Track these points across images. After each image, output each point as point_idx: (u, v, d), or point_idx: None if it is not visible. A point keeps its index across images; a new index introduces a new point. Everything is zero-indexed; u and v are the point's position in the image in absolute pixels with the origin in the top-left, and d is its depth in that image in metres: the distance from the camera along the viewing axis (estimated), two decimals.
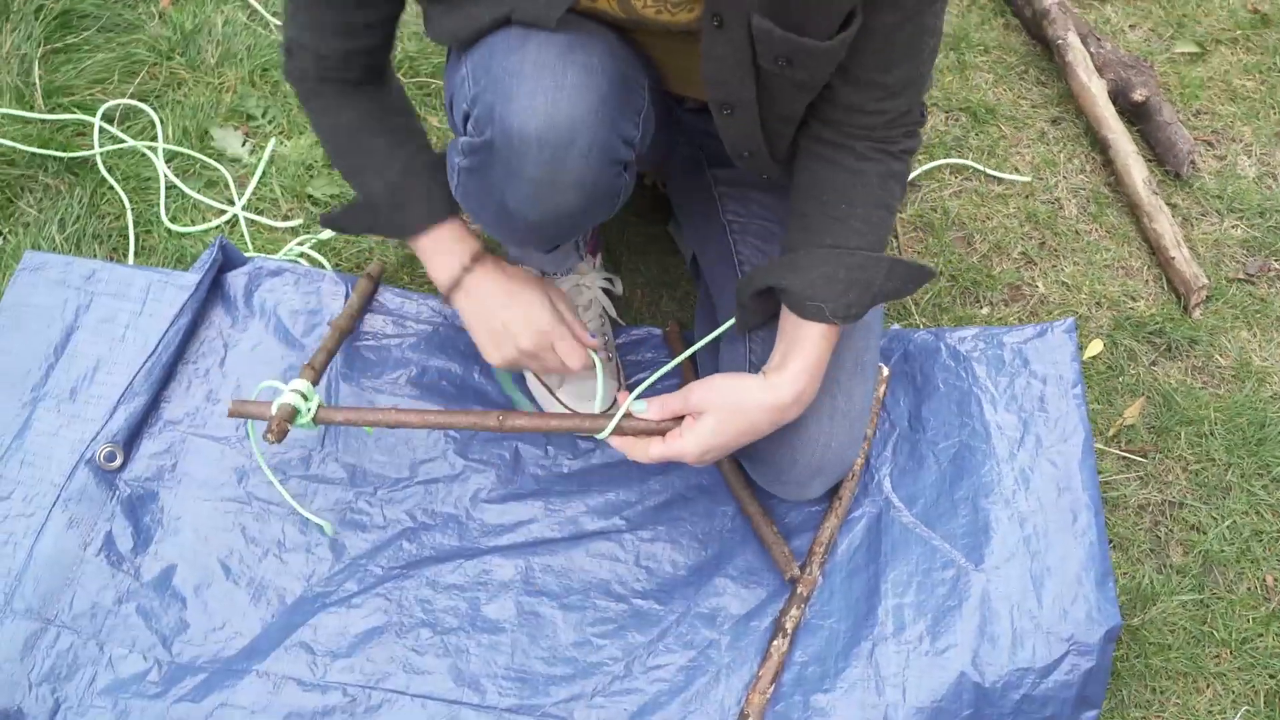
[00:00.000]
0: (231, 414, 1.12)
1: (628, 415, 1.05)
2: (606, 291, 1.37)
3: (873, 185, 1.02)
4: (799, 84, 0.95)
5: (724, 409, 1.01)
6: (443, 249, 1.09)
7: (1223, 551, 1.30)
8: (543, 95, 0.87)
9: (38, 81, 1.60)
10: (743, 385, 1.03)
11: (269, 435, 1.09)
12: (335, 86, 1.07)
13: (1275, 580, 1.29)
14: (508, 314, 1.07)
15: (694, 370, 1.32)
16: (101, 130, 1.56)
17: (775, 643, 1.15)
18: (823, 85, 0.96)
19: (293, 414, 1.10)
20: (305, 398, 1.11)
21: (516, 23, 0.90)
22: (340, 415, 1.11)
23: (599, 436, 1.05)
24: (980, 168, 1.61)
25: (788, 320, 1.04)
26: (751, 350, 1.15)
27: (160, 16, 1.70)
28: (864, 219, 1.02)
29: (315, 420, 1.11)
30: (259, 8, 1.71)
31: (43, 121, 1.56)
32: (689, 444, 1.02)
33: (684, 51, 1.04)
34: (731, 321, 1.12)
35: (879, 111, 0.99)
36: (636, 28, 1.01)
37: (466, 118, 0.93)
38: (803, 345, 1.02)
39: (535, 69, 0.88)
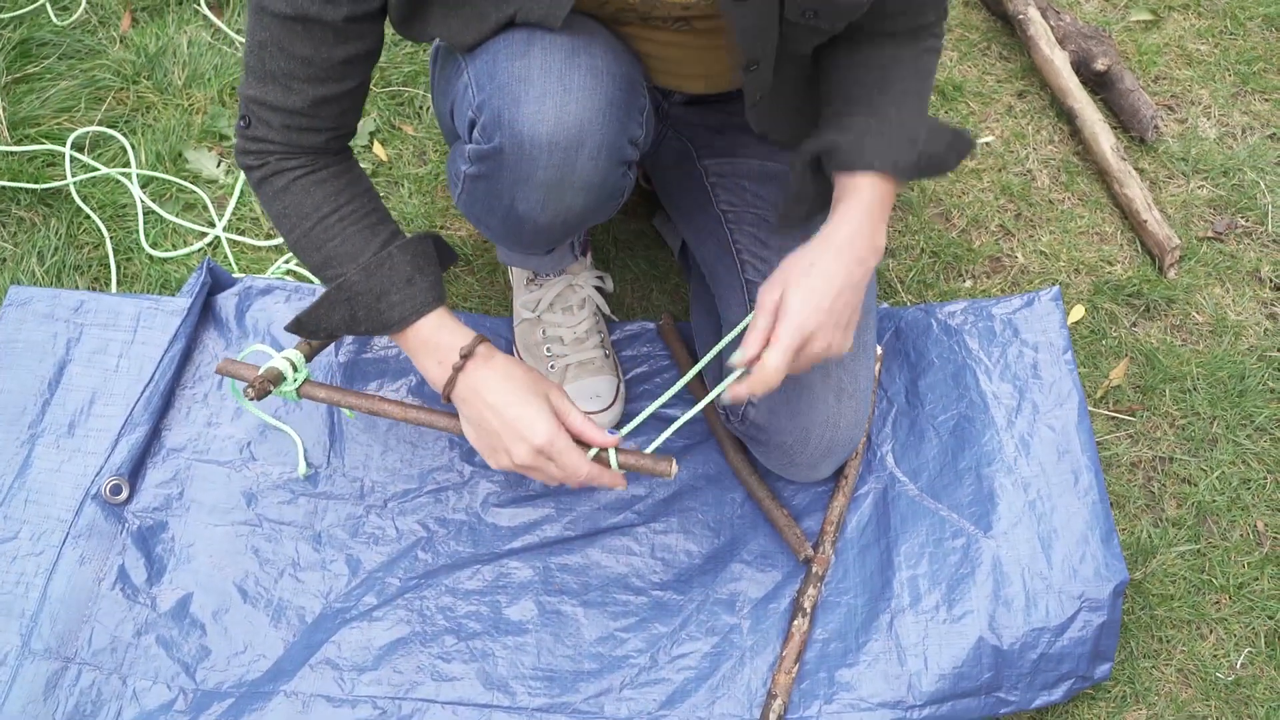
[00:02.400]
0: (219, 371, 1.12)
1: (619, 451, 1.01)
2: (599, 289, 1.38)
3: (906, 62, 1.02)
4: (819, 31, 0.96)
5: (799, 275, 0.94)
6: (430, 348, 1.00)
7: (1214, 501, 1.35)
8: (551, 99, 0.88)
9: (1, 114, 1.57)
10: (804, 250, 0.97)
11: (249, 391, 1.07)
12: (298, 167, 0.98)
13: (1266, 525, 1.33)
14: (501, 424, 0.97)
15: (703, 385, 1.32)
16: (73, 159, 1.54)
17: (796, 622, 1.17)
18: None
19: (278, 378, 1.09)
20: (295, 368, 1.10)
21: (521, 24, 0.90)
22: (323, 392, 1.11)
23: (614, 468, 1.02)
24: None
25: (840, 184, 1.00)
26: (736, 243, 1.16)
27: (122, 40, 1.68)
28: (903, 90, 1.01)
29: (299, 392, 1.10)
30: (222, 26, 1.70)
31: (11, 154, 1.54)
32: (785, 332, 0.92)
33: (675, 44, 1.05)
34: (742, 326, 1.05)
35: (907, 19, 1.01)
36: (639, 20, 1.02)
37: (472, 125, 0.93)
38: (855, 193, 0.97)
39: (542, 73, 0.88)
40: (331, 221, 0.98)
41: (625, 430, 1.04)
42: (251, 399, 1.08)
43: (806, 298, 0.94)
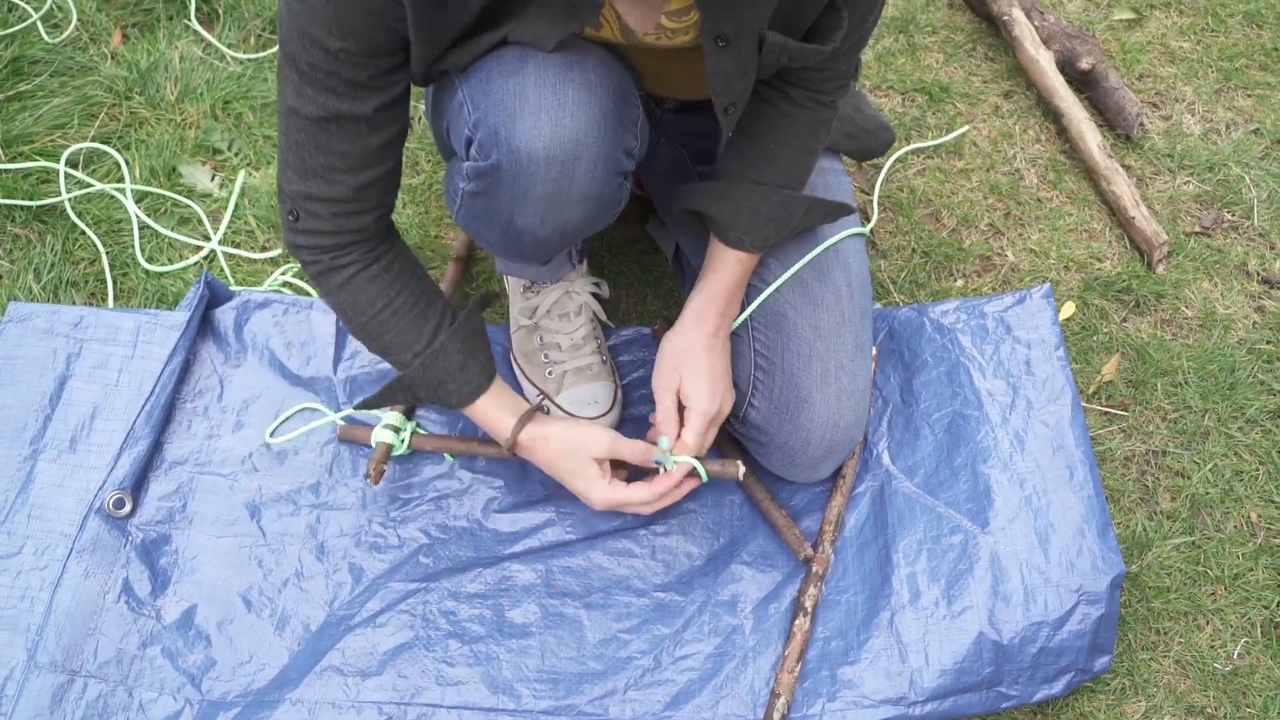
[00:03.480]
0: (341, 438, 1.29)
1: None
2: (595, 295, 1.39)
3: (801, 130, 1.12)
4: (786, 67, 1.03)
5: (698, 375, 1.14)
6: (489, 424, 1.13)
7: (1208, 494, 1.36)
8: (547, 114, 0.89)
9: None
10: (677, 337, 1.16)
11: (368, 478, 1.23)
12: (351, 263, 1.04)
13: (1260, 516, 1.35)
14: (566, 482, 1.15)
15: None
16: (67, 176, 1.55)
17: (797, 622, 1.18)
18: None
19: (388, 452, 1.24)
20: (398, 429, 1.25)
21: (513, 44, 0.92)
22: (429, 443, 1.26)
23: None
24: (928, 144, 1.65)
25: (713, 243, 1.17)
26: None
27: (113, 57, 1.69)
28: (790, 160, 1.13)
29: (410, 447, 1.26)
30: (213, 40, 1.71)
31: (5, 171, 1.54)
32: (695, 420, 1.14)
33: (668, 58, 1.07)
34: (749, 311, 1.20)
35: (821, 71, 1.07)
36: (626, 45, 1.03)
37: (469, 142, 0.94)
38: (721, 269, 1.16)
39: (537, 89, 0.89)
40: (385, 316, 1.06)
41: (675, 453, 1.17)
42: (376, 484, 1.24)
43: (702, 389, 1.14)
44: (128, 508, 1.22)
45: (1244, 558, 1.32)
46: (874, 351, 1.35)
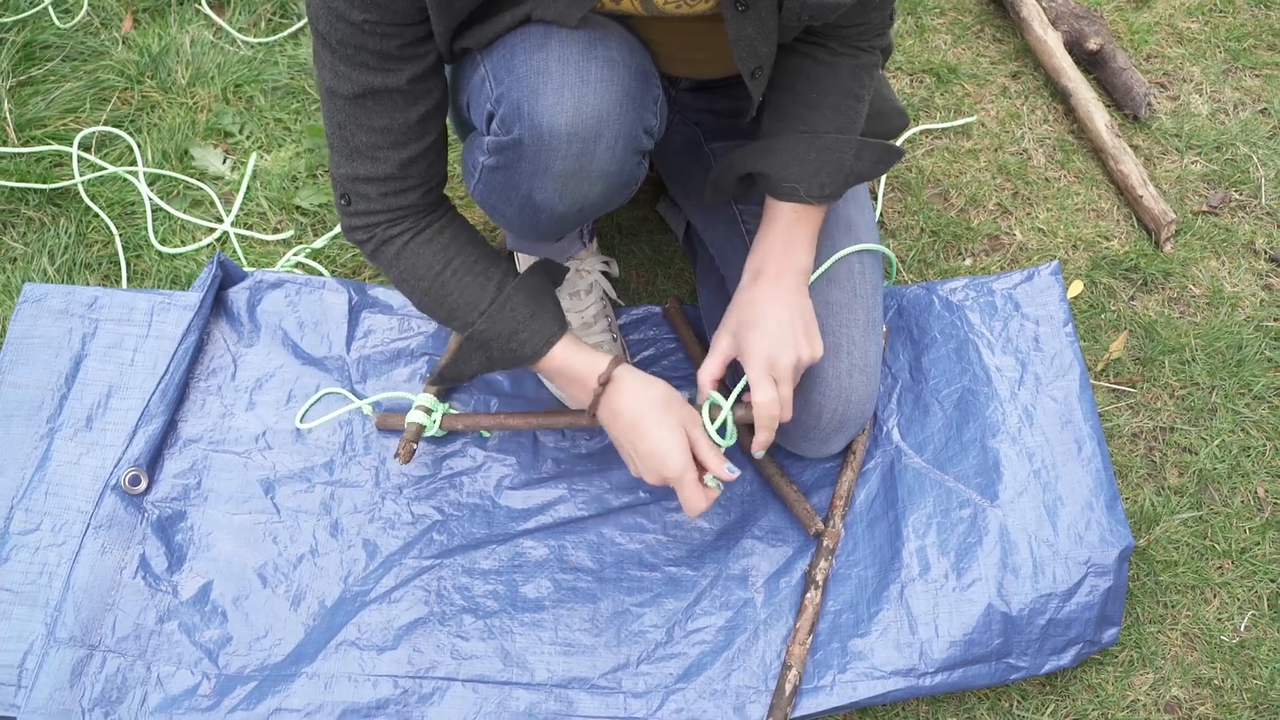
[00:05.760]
0: (379, 427, 1.29)
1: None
2: (605, 274, 1.40)
3: (843, 76, 1.10)
4: (809, 27, 1.03)
5: (745, 327, 1.07)
6: (567, 375, 1.08)
7: (1215, 469, 1.37)
8: (570, 91, 0.90)
9: (9, 115, 1.59)
10: (746, 292, 1.10)
11: (398, 457, 1.23)
12: (404, 231, 1.05)
13: (1266, 491, 1.36)
14: (637, 453, 1.07)
15: (701, 349, 1.35)
16: (80, 159, 1.56)
17: (808, 595, 1.19)
18: None
19: (419, 432, 1.25)
20: (430, 411, 1.26)
21: (536, 21, 0.92)
22: (460, 422, 1.26)
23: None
24: (937, 126, 1.66)
25: (768, 204, 1.12)
26: (745, 224, 1.23)
27: (124, 41, 1.70)
28: (834, 106, 1.10)
29: (441, 427, 1.26)
30: (224, 24, 1.71)
31: (18, 155, 1.55)
32: (751, 370, 1.05)
33: (684, 31, 1.07)
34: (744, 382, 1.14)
35: (855, 25, 1.07)
36: (646, 17, 1.04)
37: (490, 117, 0.95)
38: (771, 222, 1.11)
39: (560, 65, 0.90)
40: (446, 277, 1.05)
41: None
42: (406, 463, 1.23)
43: (757, 335, 1.06)
44: (143, 484, 1.23)
45: (1251, 532, 1.33)
46: (884, 329, 1.36)
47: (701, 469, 1.07)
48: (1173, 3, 1.83)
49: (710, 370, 1.10)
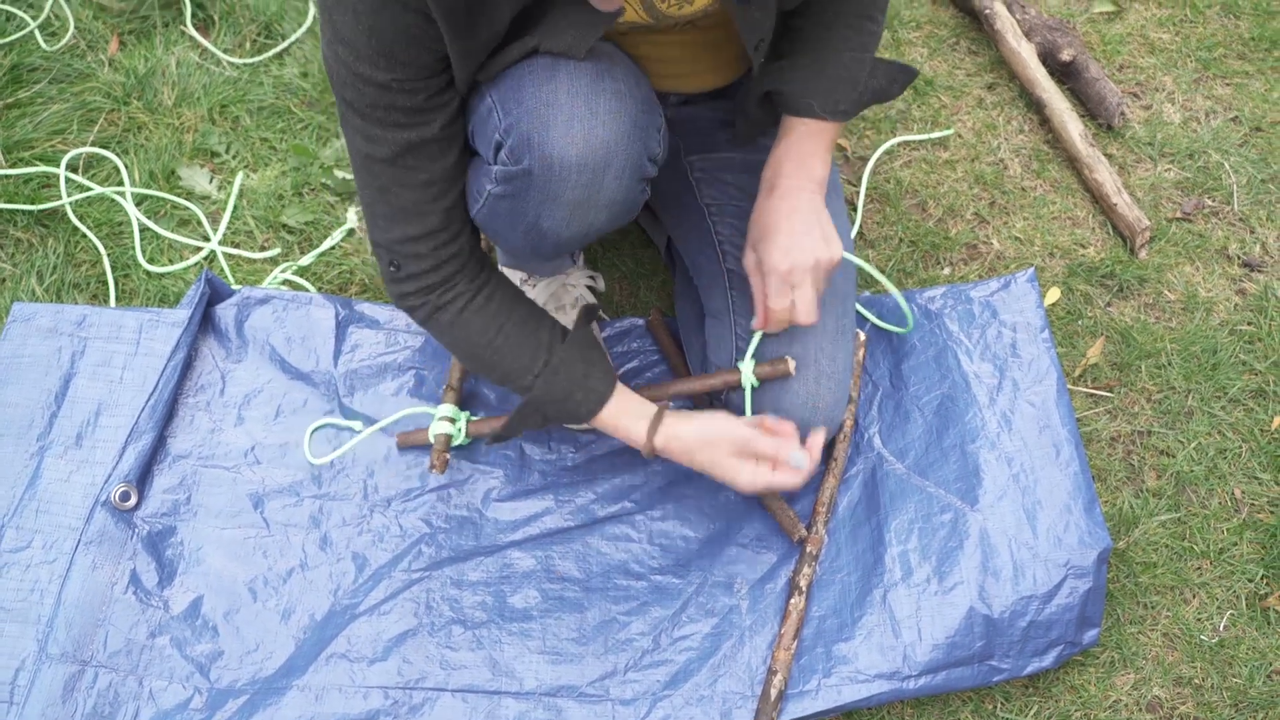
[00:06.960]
0: (400, 446, 1.30)
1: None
2: (590, 288, 1.42)
3: (851, 21, 1.11)
4: None
5: (760, 236, 1.10)
6: (621, 432, 1.14)
7: (1192, 471, 1.39)
8: (580, 123, 0.92)
9: None
10: (757, 209, 1.12)
11: (433, 469, 1.24)
12: (456, 298, 1.07)
13: (1243, 492, 1.38)
14: (707, 472, 1.14)
15: (683, 361, 1.37)
16: (67, 180, 1.57)
17: (793, 601, 1.20)
18: None
19: (448, 442, 1.25)
20: (454, 420, 1.26)
21: (544, 53, 0.94)
22: (485, 426, 1.27)
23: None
24: (915, 137, 1.69)
25: (784, 121, 1.13)
26: (718, 236, 1.26)
27: (110, 63, 1.72)
28: (848, 26, 1.11)
29: (468, 435, 1.27)
30: (209, 45, 1.73)
31: (6, 177, 1.57)
32: (769, 282, 1.09)
33: (678, 43, 1.09)
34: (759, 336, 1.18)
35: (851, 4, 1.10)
36: (645, 30, 1.06)
37: (499, 147, 0.96)
38: (789, 136, 1.12)
39: (569, 98, 0.92)
40: (499, 343, 1.09)
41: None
42: (442, 473, 1.25)
43: (773, 243, 1.09)
44: (133, 500, 1.24)
45: (1228, 533, 1.35)
46: (862, 338, 1.38)
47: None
48: (1144, 14, 1.86)
49: (759, 295, 1.13)
